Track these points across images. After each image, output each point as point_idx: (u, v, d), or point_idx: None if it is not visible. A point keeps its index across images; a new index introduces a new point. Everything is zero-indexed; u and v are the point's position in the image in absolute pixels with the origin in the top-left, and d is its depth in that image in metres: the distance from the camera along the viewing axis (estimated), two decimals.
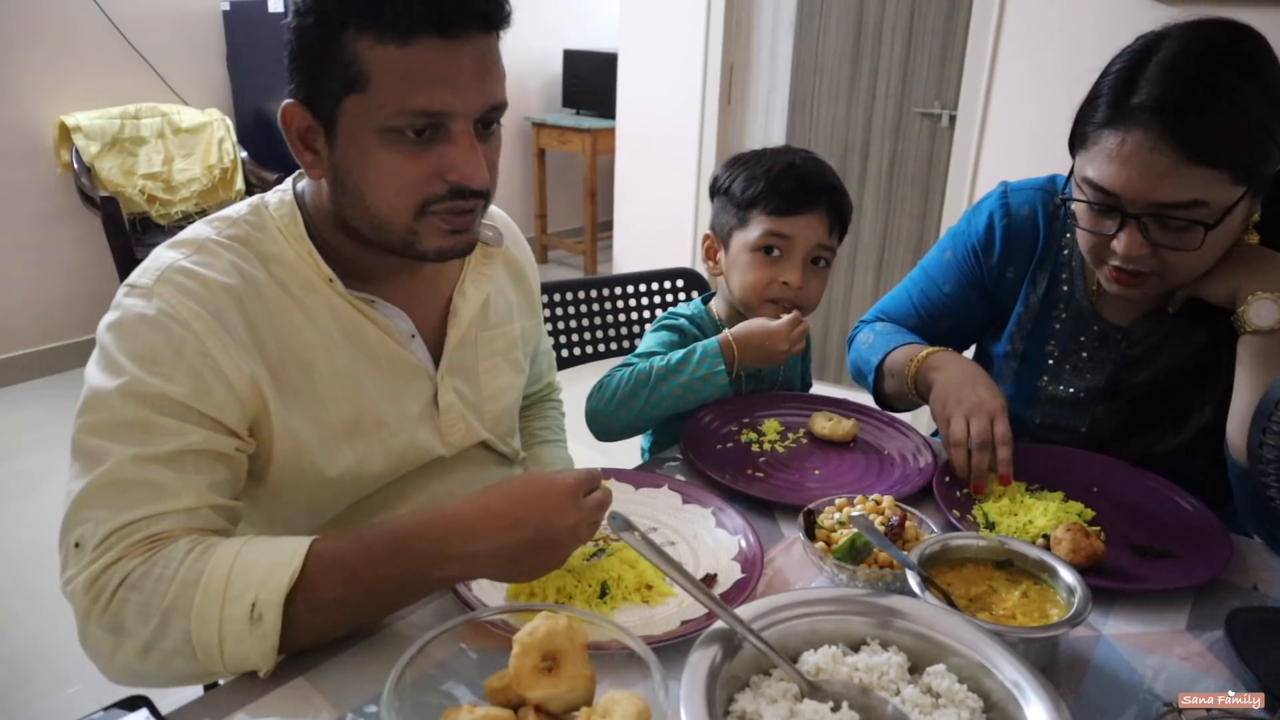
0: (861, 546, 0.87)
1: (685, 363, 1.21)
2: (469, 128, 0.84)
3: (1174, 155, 0.92)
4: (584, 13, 5.11)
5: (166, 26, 3.50)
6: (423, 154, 0.84)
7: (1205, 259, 1.00)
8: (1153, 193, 0.94)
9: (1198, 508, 1.02)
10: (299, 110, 0.85)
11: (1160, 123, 0.92)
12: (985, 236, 1.25)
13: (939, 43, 2.96)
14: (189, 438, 0.79)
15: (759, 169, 1.29)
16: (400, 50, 0.79)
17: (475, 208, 0.90)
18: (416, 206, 0.86)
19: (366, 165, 0.84)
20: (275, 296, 0.88)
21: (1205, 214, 0.94)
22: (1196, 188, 0.93)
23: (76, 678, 1.91)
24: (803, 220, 1.26)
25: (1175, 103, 0.92)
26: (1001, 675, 0.65)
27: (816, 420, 1.22)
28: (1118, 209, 0.98)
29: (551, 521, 0.77)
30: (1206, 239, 0.95)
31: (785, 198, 1.25)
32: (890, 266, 3.28)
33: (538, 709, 0.61)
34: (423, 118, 0.82)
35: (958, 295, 1.29)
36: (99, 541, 0.76)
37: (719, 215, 1.34)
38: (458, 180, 0.85)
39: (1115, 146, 0.96)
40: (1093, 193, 1.00)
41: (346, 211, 0.89)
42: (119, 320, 0.82)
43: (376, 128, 0.82)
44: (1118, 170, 0.96)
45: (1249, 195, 0.96)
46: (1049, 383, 1.22)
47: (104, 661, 0.77)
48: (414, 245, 0.89)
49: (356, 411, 0.93)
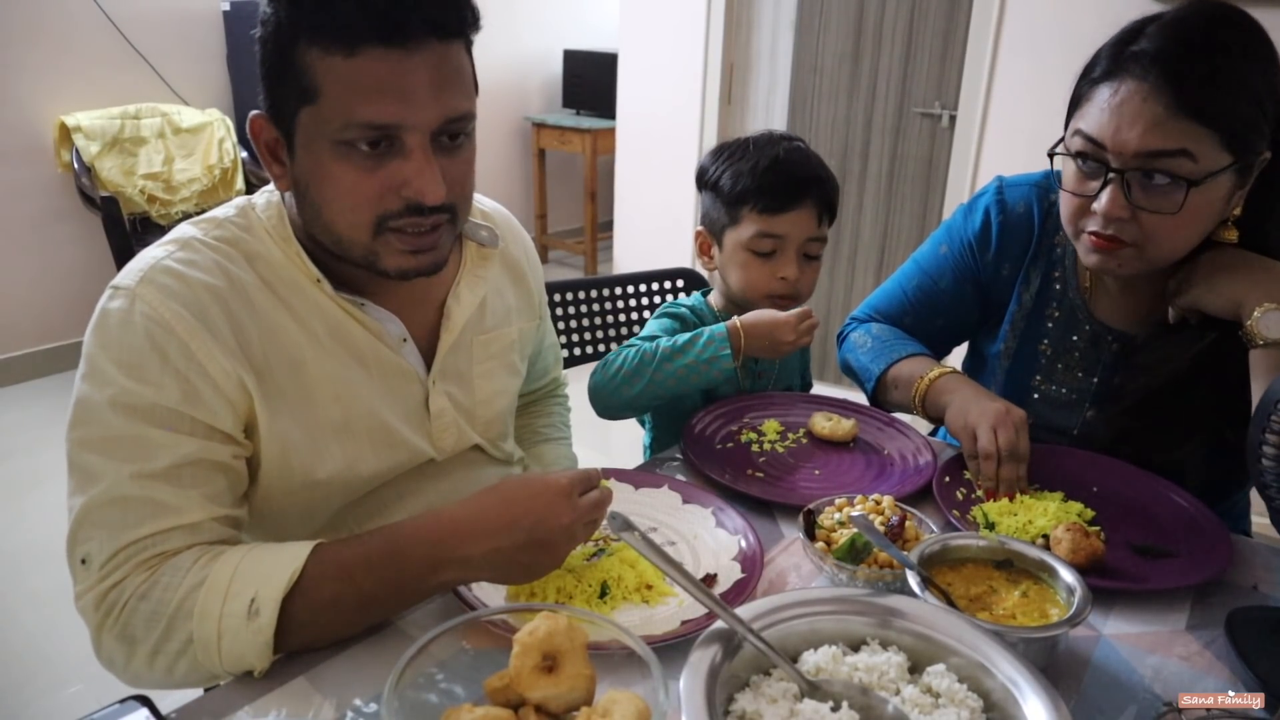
0: (861, 546, 0.87)
1: (691, 344, 1.20)
2: (424, 141, 0.81)
3: (1166, 105, 0.92)
4: (584, 13, 5.11)
5: (166, 26, 3.50)
6: (375, 168, 0.81)
7: (1182, 230, 0.98)
8: (1140, 141, 0.94)
9: (1198, 508, 1.02)
10: (264, 122, 0.84)
11: (1157, 70, 0.92)
12: (981, 232, 1.23)
13: (939, 43, 2.96)
14: (184, 448, 0.79)
15: (745, 164, 1.27)
16: (346, 61, 0.76)
17: (438, 224, 0.86)
18: (372, 223, 0.83)
19: (322, 180, 0.82)
20: (262, 297, 0.87)
21: (1191, 169, 0.93)
22: (1185, 139, 0.92)
23: (76, 678, 1.91)
24: (792, 216, 1.26)
25: (1174, 54, 0.92)
26: (1001, 675, 0.65)
27: (816, 420, 1.22)
28: (1103, 164, 0.98)
29: (546, 522, 0.77)
30: (1187, 202, 0.94)
31: (774, 195, 1.25)
32: (890, 266, 3.28)
33: (538, 709, 0.61)
34: (371, 130, 0.78)
35: (954, 291, 1.28)
36: (105, 560, 0.77)
37: (709, 211, 1.34)
38: (411, 196, 0.82)
39: (1109, 96, 0.96)
40: (1082, 143, 0.99)
41: (310, 226, 0.87)
42: (102, 325, 0.81)
43: (329, 141, 0.80)
44: (1108, 119, 0.96)
45: (1233, 170, 0.95)
46: (1041, 382, 1.22)
47: (119, 671, 0.79)
48: (375, 264, 0.86)
49: (345, 412, 0.92)
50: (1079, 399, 1.20)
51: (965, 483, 1.08)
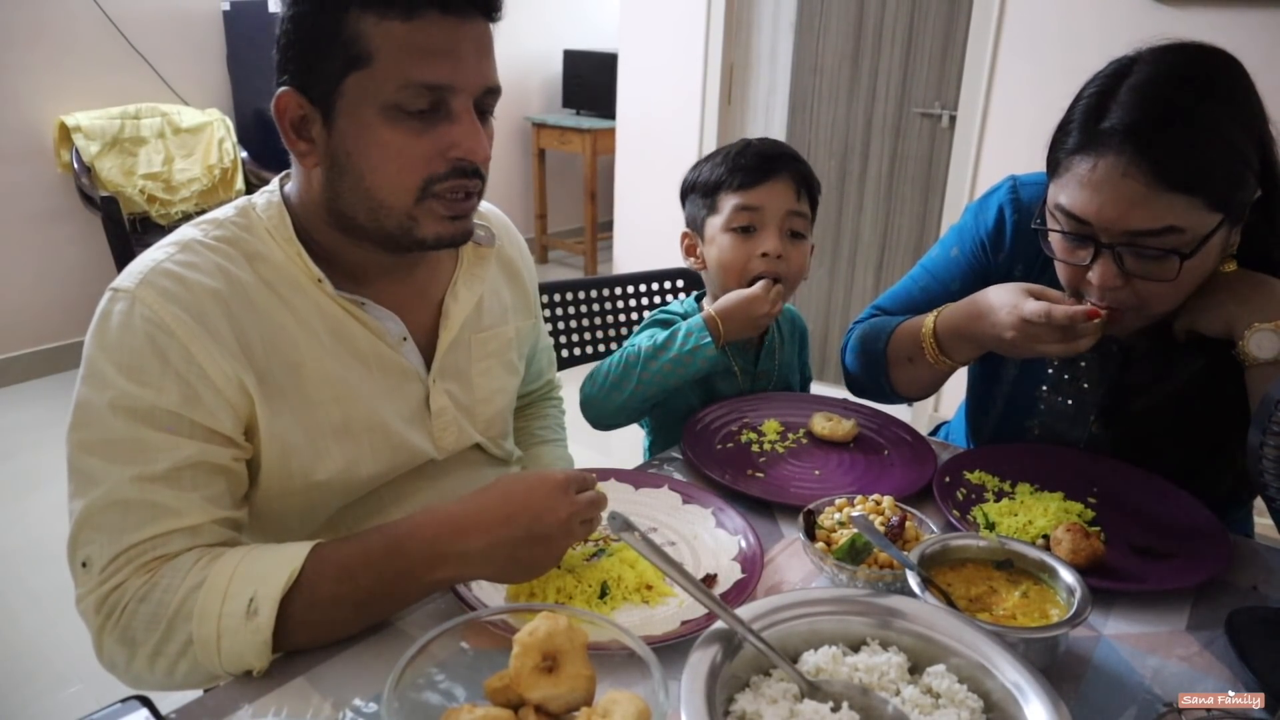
0: (861, 546, 0.87)
1: (672, 340, 1.21)
2: (469, 105, 0.85)
3: (1146, 181, 0.89)
4: (584, 13, 5.11)
5: (166, 26, 3.50)
6: (426, 132, 0.84)
7: (1182, 290, 0.97)
8: (1125, 220, 0.91)
9: (1198, 508, 1.02)
10: (294, 98, 0.85)
11: (1131, 147, 0.89)
12: (995, 231, 1.20)
13: (939, 43, 2.96)
14: (184, 451, 0.79)
15: (718, 157, 1.32)
16: (404, 25, 0.80)
17: (475, 189, 0.90)
18: (419, 186, 0.86)
19: (369, 145, 0.84)
20: (262, 297, 0.87)
21: (1180, 242, 0.91)
22: (1170, 214, 0.90)
23: (76, 678, 1.91)
24: (768, 187, 1.26)
25: (1146, 127, 0.89)
26: (1002, 675, 0.65)
27: (816, 420, 1.21)
28: (1091, 238, 0.96)
29: (543, 517, 0.77)
30: (1183, 270, 0.92)
31: (747, 171, 1.27)
32: (890, 266, 3.28)
33: (538, 709, 0.61)
34: (426, 91, 0.82)
35: (967, 295, 1.22)
36: (106, 563, 0.77)
37: (691, 213, 1.36)
38: (462, 155, 0.85)
39: (1087, 172, 0.93)
40: (1066, 220, 0.97)
41: (344, 200, 0.88)
42: (102, 328, 0.81)
43: (380, 105, 0.82)
44: (1090, 197, 0.93)
45: (1226, 223, 0.93)
46: (1048, 392, 1.20)
47: (120, 673, 0.79)
48: (412, 231, 0.88)
49: (346, 413, 0.92)
50: (1084, 411, 1.18)
51: (965, 483, 1.08)
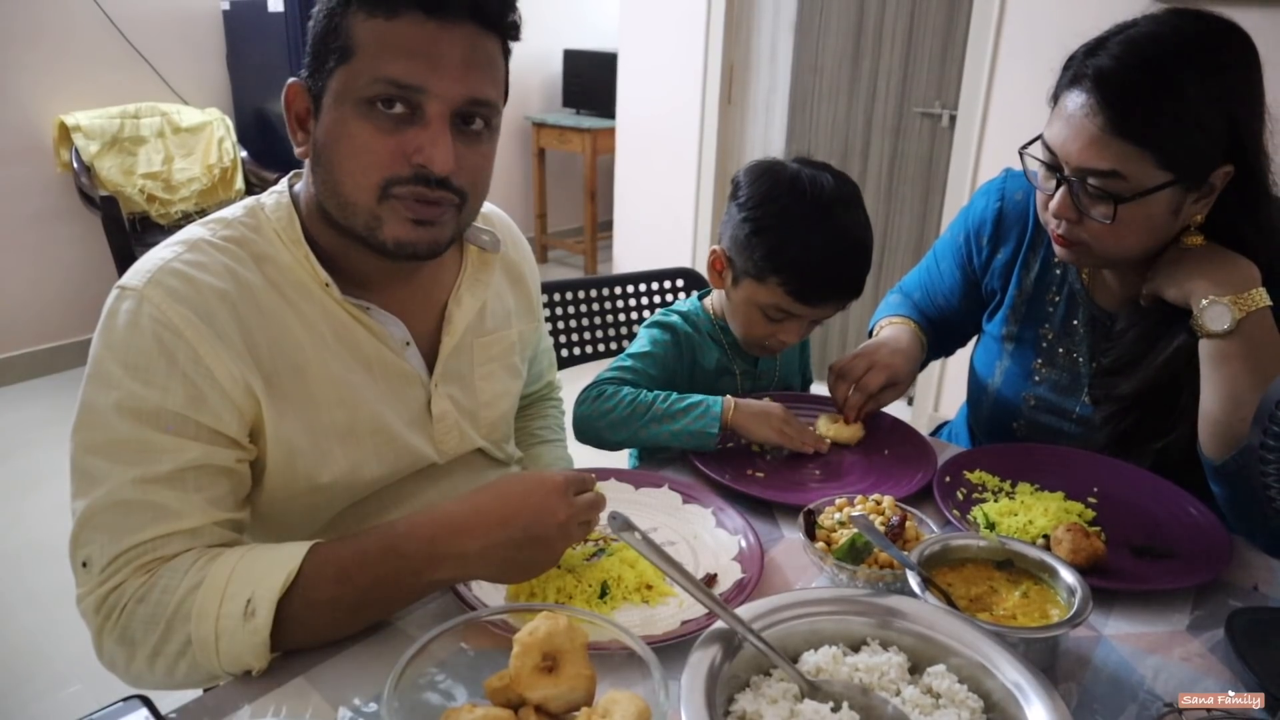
0: (861, 546, 0.87)
1: (687, 411, 1.15)
2: (444, 114, 0.83)
3: (1102, 125, 0.96)
4: (584, 13, 5.11)
5: (166, 26, 3.50)
6: (392, 131, 0.82)
7: (1121, 236, 1.01)
8: (1081, 157, 0.99)
9: (1197, 507, 1.02)
10: (300, 90, 0.87)
11: (1099, 90, 0.96)
12: (979, 219, 1.29)
13: (939, 43, 2.96)
14: (188, 453, 0.79)
15: (790, 234, 1.14)
16: (386, 22, 0.81)
17: (441, 200, 0.86)
18: (379, 185, 0.84)
19: (340, 138, 0.84)
20: (269, 299, 0.87)
21: (1121, 187, 0.98)
22: (1117, 160, 0.96)
23: (76, 677, 1.91)
24: (818, 309, 1.20)
25: (1117, 76, 0.96)
26: (1002, 675, 0.65)
27: (822, 423, 1.21)
28: (1057, 169, 1.03)
29: (541, 519, 0.77)
30: (1118, 213, 0.98)
31: (806, 291, 1.17)
32: (890, 266, 3.28)
33: (538, 709, 0.61)
34: (394, 87, 0.81)
35: (950, 275, 1.34)
36: (106, 564, 0.77)
37: (735, 247, 1.20)
38: (421, 162, 0.83)
39: (1064, 106, 1.01)
40: (1043, 150, 1.05)
41: (321, 193, 0.88)
42: (109, 326, 0.81)
43: (355, 99, 0.82)
44: (1059, 129, 1.01)
45: (1176, 186, 0.98)
46: (1042, 365, 1.24)
47: (120, 673, 0.79)
48: (376, 232, 0.86)
49: (350, 416, 0.92)
50: (1077, 384, 1.21)
51: (965, 483, 1.08)
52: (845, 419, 1.21)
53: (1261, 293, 0.98)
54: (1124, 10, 1.07)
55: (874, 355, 1.23)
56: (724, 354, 1.32)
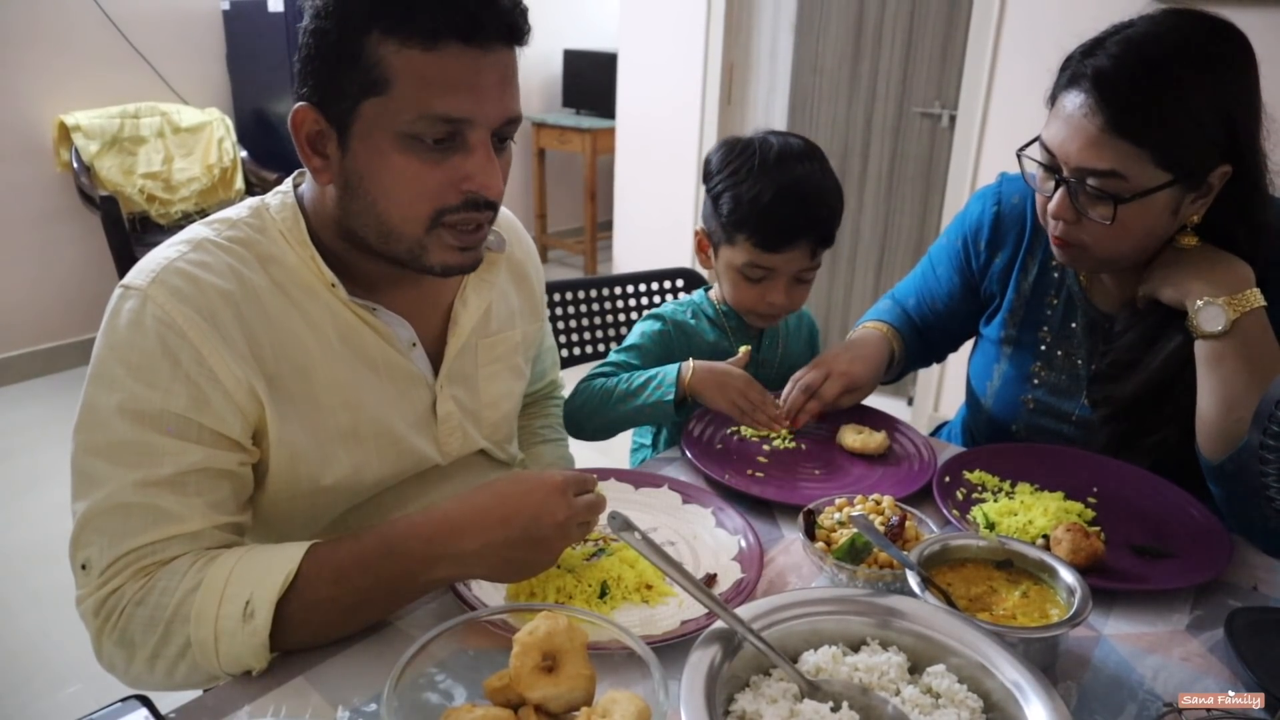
0: (861, 546, 0.87)
1: (644, 387, 1.21)
2: (487, 138, 0.83)
3: (1101, 125, 0.96)
4: (584, 13, 5.11)
5: (166, 26, 3.50)
6: (440, 162, 0.82)
7: (1121, 237, 1.01)
8: (1079, 157, 0.98)
9: (1197, 507, 1.02)
10: (311, 113, 0.82)
11: (1098, 91, 0.96)
12: (976, 223, 1.29)
13: (939, 43, 2.96)
14: (190, 456, 0.79)
15: (746, 189, 1.20)
16: (425, 55, 0.78)
17: (485, 221, 0.88)
18: (430, 216, 0.84)
19: (381, 171, 0.82)
20: (274, 301, 0.86)
21: (1121, 187, 0.98)
22: (1117, 160, 0.96)
23: (76, 677, 1.91)
24: (786, 254, 1.22)
25: (1115, 75, 0.96)
26: (1002, 675, 0.65)
27: (846, 434, 1.20)
28: (1056, 170, 1.02)
29: (540, 519, 0.77)
30: (1118, 214, 0.98)
31: (768, 233, 1.20)
32: (890, 266, 3.28)
33: (538, 709, 0.61)
34: (443, 124, 0.80)
35: (947, 279, 1.34)
36: (105, 566, 0.77)
37: (708, 218, 1.29)
38: (474, 190, 0.83)
39: (1062, 107, 1.01)
40: (1042, 152, 1.04)
41: (355, 219, 0.86)
42: (112, 326, 0.80)
43: (396, 133, 0.80)
44: (1057, 129, 1.01)
45: (1175, 187, 0.98)
46: (1041, 368, 1.24)
47: (120, 674, 0.79)
48: (420, 259, 0.87)
49: (354, 418, 0.92)
50: (1076, 386, 1.21)
51: (965, 483, 1.08)
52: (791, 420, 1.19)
53: (1256, 293, 0.99)
54: (1123, 10, 1.07)
55: (832, 364, 1.21)
56: (725, 337, 1.32)
